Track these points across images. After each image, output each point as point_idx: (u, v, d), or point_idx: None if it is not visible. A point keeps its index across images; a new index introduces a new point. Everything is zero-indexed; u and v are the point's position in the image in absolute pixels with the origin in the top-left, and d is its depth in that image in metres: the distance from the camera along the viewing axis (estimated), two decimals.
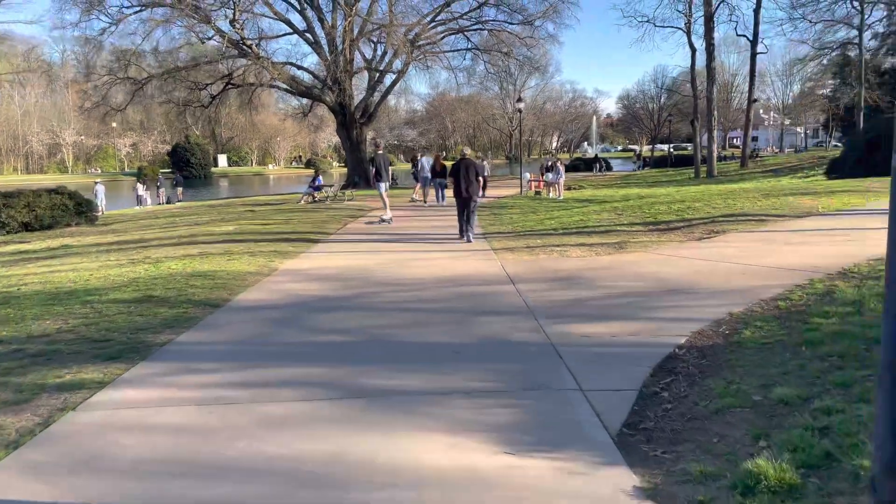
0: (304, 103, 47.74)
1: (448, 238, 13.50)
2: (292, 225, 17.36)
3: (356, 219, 19.11)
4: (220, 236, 15.01)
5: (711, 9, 35.97)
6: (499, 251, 11.19)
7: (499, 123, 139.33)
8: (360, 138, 40.48)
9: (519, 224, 15.41)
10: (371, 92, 41.36)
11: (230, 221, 19.50)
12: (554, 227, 14.21)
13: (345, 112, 39.65)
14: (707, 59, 36.77)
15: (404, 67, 37.92)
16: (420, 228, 15.60)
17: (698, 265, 8.73)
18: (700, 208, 14.31)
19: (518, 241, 12.28)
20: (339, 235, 14.94)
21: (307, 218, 19.69)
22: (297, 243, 13.25)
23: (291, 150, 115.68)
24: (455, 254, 11.19)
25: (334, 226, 17.03)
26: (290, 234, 15.10)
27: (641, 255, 9.94)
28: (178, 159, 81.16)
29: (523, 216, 17.51)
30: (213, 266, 10.26)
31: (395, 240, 13.79)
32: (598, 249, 10.69)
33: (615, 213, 15.30)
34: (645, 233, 12.27)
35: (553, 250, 10.85)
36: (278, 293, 8.20)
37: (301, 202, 27.68)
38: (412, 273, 9.35)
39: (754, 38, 38.35)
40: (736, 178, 34.87)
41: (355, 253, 11.75)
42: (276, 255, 11.40)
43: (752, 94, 39.89)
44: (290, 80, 38.63)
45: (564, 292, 7.60)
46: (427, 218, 18.65)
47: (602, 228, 13.22)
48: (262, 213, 23.05)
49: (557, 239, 12.23)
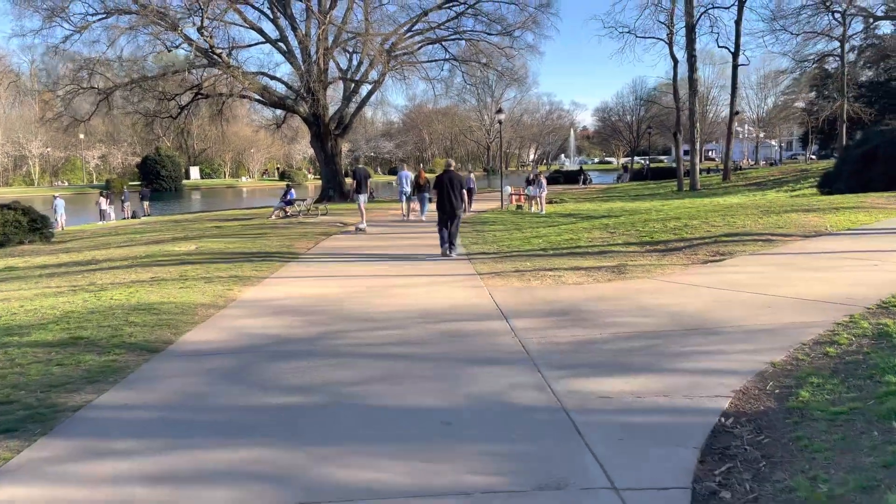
0: (277, 114, 46.51)
1: (429, 257, 12.37)
2: (259, 243, 16.11)
3: (329, 236, 17.91)
4: (179, 257, 13.73)
5: (693, 19, 35.49)
6: (485, 276, 10.08)
7: (476, 135, 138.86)
8: (334, 150, 39.27)
9: (504, 243, 14.33)
10: (346, 103, 40.21)
11: (193, 239, 18.18)
12: (543, 246, 13.14)
13: (319, 123, 38.43)
14: (689, 70, 36.27)
15: (380, 78, 36.85)
16: (398, 247, 14.46)
17: (713, 295, 7.68)
18: (698, 226, 13.35)
19: (505, 264, 11.17)
20: (310, 255, 13.73)
21: (276, 235, 18.45)
22: (262, 265, 12.03)
23: (266, 162, 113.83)
24: (437, 278, 10.05)
25: (305, 244, 15.81)
26: (256, 254, 13.87)
27: (645, 281, 8.89)
28: (147, 171, 79.11)
29: (507, 233, 16.44)
30: (161, 296, 9.01)
31: (370, 259, 12.63)
32: (596, 274, 9.62)
33: (607, 232, 14.28)
34: (643, 254, 11.25)
35: (546, 275, 9.76)
36: (230, 333, 6.98)
37: (272, 217, 26.39)
38: (388, 304, 8.19)
39: (736, 50, 37.94)
40: (720, 191, 34.26)
41: (325, 278, 10.56)
42: (236, 282, 10.17)
43: (733, 106, 39.43)
44: (263, 91, 37.34)
45: (567, 331, 6.49)
46: (406, 235, 17.52)
47: (596, 249, 12.18)
48: (228, 229, 21.74)
49: (548, 261, 11.15)
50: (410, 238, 16.68)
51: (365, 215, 19.68)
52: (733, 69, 38.72)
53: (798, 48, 44.04)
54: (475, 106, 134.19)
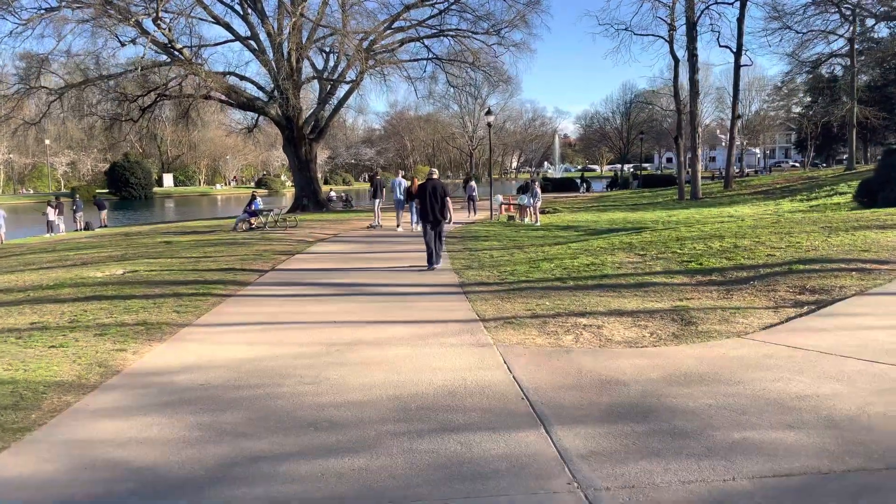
0: (249, 118, 43.46)
1: (410, 290, 9.45)
2: (203, 265, 13.10)
3: (292, 255, 14.92)
4: (92, 288, 10.69)
5: (694, 16, 33.01)
6: (492, 323, 7.19)
7: (459, 142, 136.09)
8: (309, 156, 36.25)
9: (506, 268, 11.43)
10: (322, 105, 37.24)
11: (129, 260, 15.11)
12: (558, 274, 10.26)
13: (292, 126, 35.41)
14: (690, 70, 33.79)
15: (359, 77, 33.90)
16: (375, 269, 11.52)
17: (869, 374, 4.85)
18: (753, 248, 10.55)
19: (515, 302, 8.28)
20: (261, 284, 10.75)
21: (230, 253, 15.44)
22: (192, 301, 9.05)
23: (242, 168, 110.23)
24: (423, 327, 7.14)
25: (260, 266, 12.82)
26: (192, 282, 10.87)
27: (735, 341, 6.04)
28: (116, 179, 75.39)
29: (507, 253, 13.56)
30: (9, 362, 6.01)
31: (338, 288, 9.69)
32: (651, 324, 6.77)
33: (635, 254, 11.44)
34: (698, 289, 8.43)
35: (578, 324, 6.89)
36: (70, 462, 4.00)
37: (235, 230, 23.34)
38: (350, 384, 5.25)
39: (738, 49, 35.51)
40: (725, 200, 31.68)
41: (268, 326, 7.59)
42: (140, 333, 7.19)
43: (735, 109, 36.99)
44: (230, 91, 34.23)
45: (663, 464, 3.59)
46: (386, 251, 14.58)
47: (631, 279, 9.33)
48: (179, 245, 18.67)
49: (573, 299, 8.27)
50: (390, 255, 13.77)
51: (379, 217, 23.01)
52: (735, 70, 36.32)
53: (797, 49, 41.86)
54: (458, 112, 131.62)
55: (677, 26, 32.72)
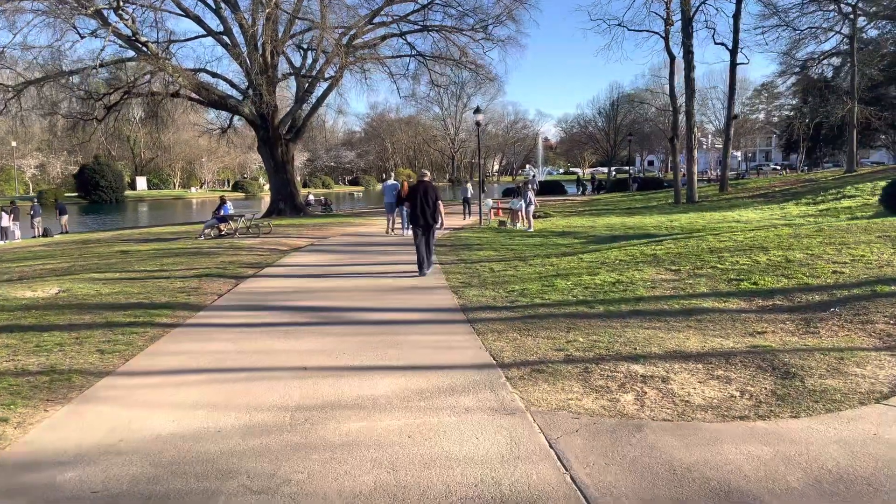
0: (222, 117, 41.31)
1: (404, 317, 7.60)
2: (155, 282, 11.14)
3: (260, 268, 12.98)
4: (9, 313, 8.71)
5: (690, 12, 31.55)
6: (515, 372, 5.36)
7: (440, 145, 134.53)
8: (285, 157, 34.20)
9: (513, 284, 9.61)
10: (299, 104, 35.19)
11: (72, 274, 13.10)
12: (580, 295, 8.47)
13: (267, 126, 33.35)
14: (686, 67, 32.31)
15: (338, 73, 31.91)
16: (358, 284, 9.66)
17: None
18: (810, 263, 8.83)
19: (538, 336, 6.46)
20: (217, 309, 8.84)
21: (190, 266, 13.48)
22: (126, 335, 7.14)
23: (219, 171, 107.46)
24: (424, 377, 5.31)
25: (219, 285, 10.89)
26: (134, 306, 8.94)
27: (880, 413, 4.26)
28: (85, 182, 72.49)
29: (509, 266, 11.75)
30: None
31: (310, 316, 7.82)
32: (735, 376, 5.00)
33: (666, 269, 9.67)
34: (763, 316, 6.69)
35: (634, 375, 5.10)
36: None
37: (201, 237, 21.33)
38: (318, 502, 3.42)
39: (734, 47, 34.11)
40: (724, 204, 30.19)
41: (214, 376, 5.70)
42: (38, 388, 5.27)
43: (731, 109, 35.54)
44: (201, 89, 32.08)
45: None
46: (372, 262, 12.70)
47: (675, 304, 7.57)
48: (136, 255, 16.64)
49: (610, 331, 6.48)
50: (374, 267, 11.90)
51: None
52: (731, 68, 34.91)
53: (792, 47, 40.62)
54: (440, 115, 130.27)
55: (673, 21, 31.15)
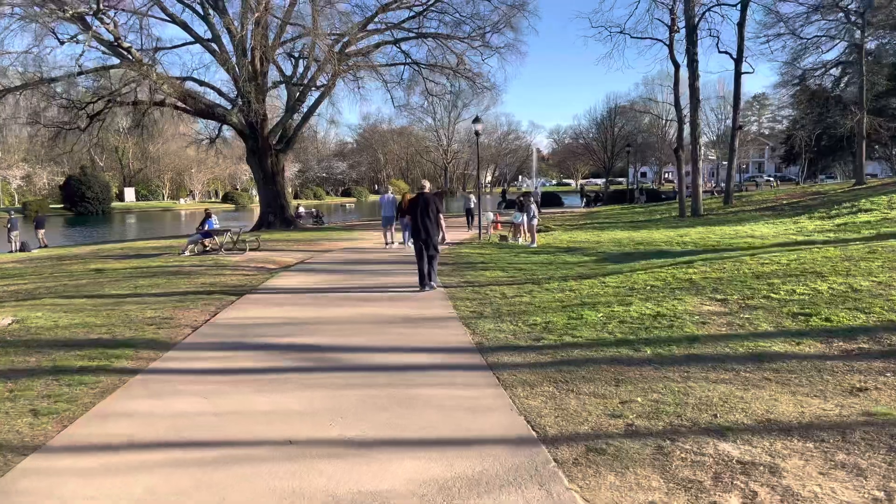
0: (210, 127, 39.99)
1: (410, 360, 6.26)
2: (122, 310, 9.77)
3: (243, 293, 11.60)
4: None
5: (694, 19, 30.56)
6: (565, 452, 4.04)
7: (433, 156, 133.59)
8: (275, 168, 32.90)
9: (533, 315, 8.29)
10: (290, 113, 33.90)
11: (34, 298, 11.72)
12: (616, 331, 7.17)
13: (256, 136, 32.07)
14: (690, 76, 31.26)
15: (331, 81, 30.69)
16: (355, 312, 8.32)
17: None
18: (884, 293, 7.58)
19: (581, 393, 5.15)
20: (186, 348, 7.47)
21: (167, 289, 12.12)
22: (72, 385, 5.80)
23: (208, 182, 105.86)
24: (445, 458, 4.00)
25: (194, 315, 9.52)
26: (92, 343, 7.58)
27: None
28: (71, 193, 70.94)
29: (523, 290, 10.44)
30: None
31: (297, 358, 6.45)
32: (867, 464, 3.72)
33: (709, 298, 8.39)
34: (853, 364, 5.41)
35: (728, 460, 3.81)
36: None
37: (184, 253, 19.97)
38: None
39: (739, 56, 33.08)
40: (731, 217, 29.04)
41: (169, 455, 4.36)
42: None
43: (736, 119, 34.45)
44: (187, 97, 30.77)
45: None
46: (367, 291, 11.36)
47: (738, 346, 6.28)
48: (109, 274, 15.24)
49: (670, 385, 5.19)
50: (371, 290, 10.58)
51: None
52: (735, 78, 33.83)
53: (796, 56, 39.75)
54: (432, 125, 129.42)
55: (679, 28, 30.13)
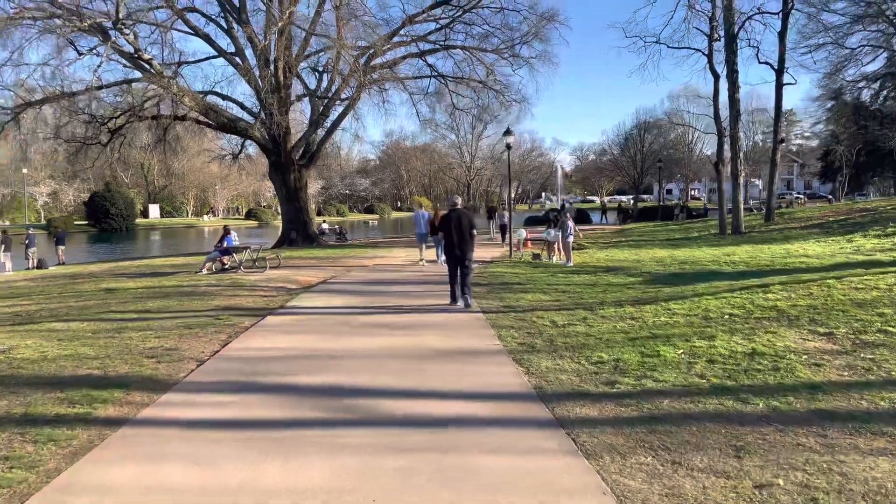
0: (234, 142, 39.35)
1: (453, 410, 4.99)
2: (123, 338, 8.65)
3: (259, 318, 10.42)
4: None
5: (734, 28, 29.21)
6: None
7: (455, 173, 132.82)
8: (298, 183, 31.97)
9: (596, 350, 6.99)
10: (314, 127, 33.04)
11: (32, 322, 10.67)
12: (706, 373, 5.84)
13: (279, 151, 31.20)
14: (730, 87, 29.79)
15: (356, 94, 29.76)
16: (381, 355, 7.08)
17: None
18: None
19: (697, 471, 3.85)
20: (186, 390, 6.28)
21: (177, 311, 11.01)
22: (37, 443, 4.63)
23: (232, 199, 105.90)
24: None
25: (202, 345, 8.36)
26: (79, 382, 6.43)
27: None
28: (95, 209, 70.95)
29: (576, 319, 9.14)
30: None
31: (317, 406, 5.19)
32: None
33: (809, 332, 7.02)
34: None
35: None
36: None
37: (202, 271, 18.94)
38: None
39: (780, 66, 31.60)
40: (776, 235, 27.43)
41: None
42: None
43: (777, 132, 32.88)
44: (209, 111, 30.02)
45: None
46: (395, 313, 10.13)
47: (876, 399, 4.95)
48: (118, 295, 14.20)
49: (816, 459, 3.87)
50: (400, 313, 9.35)
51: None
52: (777, 89, 32.32)
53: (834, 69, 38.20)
54: (455, 142, 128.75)
55: (719, 36, 28.78)
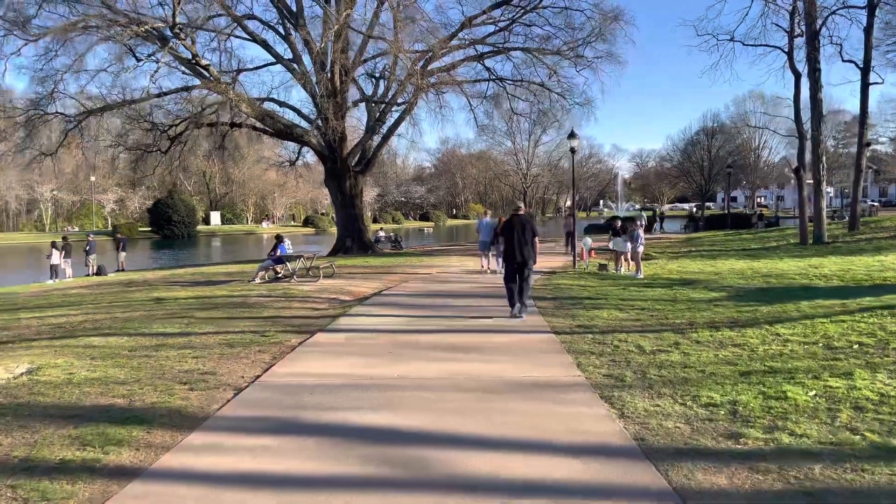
0: (291, 149, 39.20)
1: (537, 471, 3.88)
2: (159, 358, 7.84)
3: (307, 335, 9.51)
4: None
5: (815, 25, 27.22)
6: None
7: (511, 180, 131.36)
8: (354, 190, 31.35)
9: (702, 387, 5.74)
10: (370, 133, 32.41)
11: (69, 336, 10.03)
12: (867, 432, 4.58)
13: (335, 157, 30.67)
14: (812, 86, 27.78)
15: (413, 98, 28.97)
16: (440, 385, 6.00)
17: None
18: None
19: None
20: (217, 428, 5.34)
21: (223, 326, 10.22)
22: (29, 501, 3.76)
23: (290, 206, 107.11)
24: None
25: (244, 365, 7.47)
26: (102, 413, 5.59)
27: None
28: (158, 216, 72.48)
29: (665, 343, 7.89)
30: None
31: (369, 456, 4.10)
32: None
33: None
34: None
35: None
36: None
37: (254, 281, 18.31)
38: None
39: (865, 65, 29.39)
40: (864, 245, 25.25)
41: None
42: None
43: (863, 134, 30.54)
44: (266, 117, 29.70)
45: None
46: (454, 332, 9.06)
47: None
48: (166, 306, 13.58)
49: None
50: (460, 333, 8.28)
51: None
52: (862, 89, 30.07)
53: None
54: (511, 149, 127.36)
55: (801, 30, 26.85)
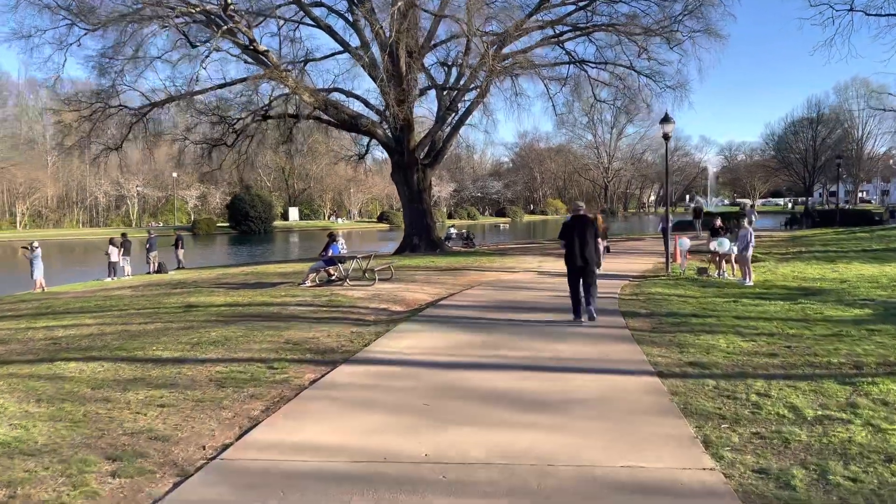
0: (360, 143, 37.59)
1: None
2: (119, 408, 5.96)
3: (339, 361, 7.44)
4: None
5: None
6: None
7: (592, 174, 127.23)
8: (422, 184, 29.31)
9: None
10: (440, 123, 30.27)
11: (47, 361, 8.34)
12: None
13: (402, 149, 28.73)
14: None
15: (485, 82, 26.64)
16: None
17: None
18: None
19: None
20: None
21: (232, 348, 8.29)
22: None
23: (366, 202, 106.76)
24: None
25: (212, 425, 5.43)
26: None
27: None
28: (236, 212, 72.96)
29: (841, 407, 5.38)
30: None
31: None
32: None
33: None
34: None
35: None
36: None
37: (305, 283, 16.51)
38: None
39: None
40: None
41: None
42: None
43: None
44: (329, 107, 28.03)
45: None
46: (522, 370, 6.78)
47: None
48: (196, 313, 11.82)
49: None
50: (546, 374, 5.99)
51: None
52: None
53: None
54: (592, 142, 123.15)
55: None
